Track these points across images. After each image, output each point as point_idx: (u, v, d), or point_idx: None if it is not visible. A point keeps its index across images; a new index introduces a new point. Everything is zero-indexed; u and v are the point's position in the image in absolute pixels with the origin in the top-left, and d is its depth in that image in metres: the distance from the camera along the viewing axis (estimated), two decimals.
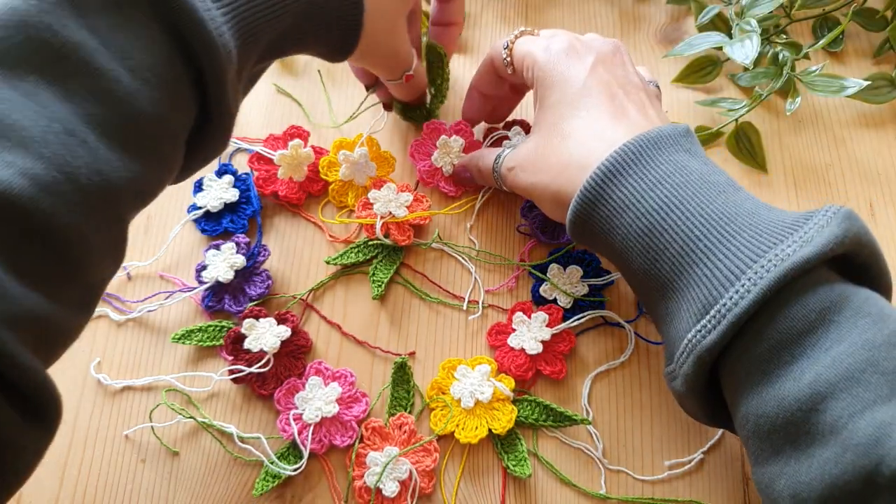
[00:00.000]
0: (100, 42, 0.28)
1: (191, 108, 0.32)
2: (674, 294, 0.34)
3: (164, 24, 0.29)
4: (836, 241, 0.31)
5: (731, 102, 0.52)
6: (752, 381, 0.31)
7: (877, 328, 0.30)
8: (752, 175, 0.51)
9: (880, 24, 0.55)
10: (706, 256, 0.33)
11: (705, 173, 0.36)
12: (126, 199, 0.29)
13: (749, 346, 0.31)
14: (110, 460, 0.42)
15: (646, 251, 0.35)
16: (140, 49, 0.29)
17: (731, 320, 0.31)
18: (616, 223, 0.36)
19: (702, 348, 0.32)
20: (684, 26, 0.57)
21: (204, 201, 0.48)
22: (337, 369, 0.44)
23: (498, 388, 0.42)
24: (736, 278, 0.31)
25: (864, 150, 0.52)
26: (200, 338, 0.44)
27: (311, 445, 0.41)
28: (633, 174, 0.36)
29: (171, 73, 0.30)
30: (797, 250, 0.31)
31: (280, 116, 0.53)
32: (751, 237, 0.32)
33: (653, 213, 0.35)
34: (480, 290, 0.47)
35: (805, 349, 0.30)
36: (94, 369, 0.44)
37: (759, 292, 0.30)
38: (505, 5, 0.58)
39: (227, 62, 0.31)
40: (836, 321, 0.30)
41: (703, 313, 0.32)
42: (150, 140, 0.30)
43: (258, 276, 0.46)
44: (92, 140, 0.27)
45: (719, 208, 0.34)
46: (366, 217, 0.47)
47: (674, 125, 0.37)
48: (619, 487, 0.41)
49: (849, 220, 0.32)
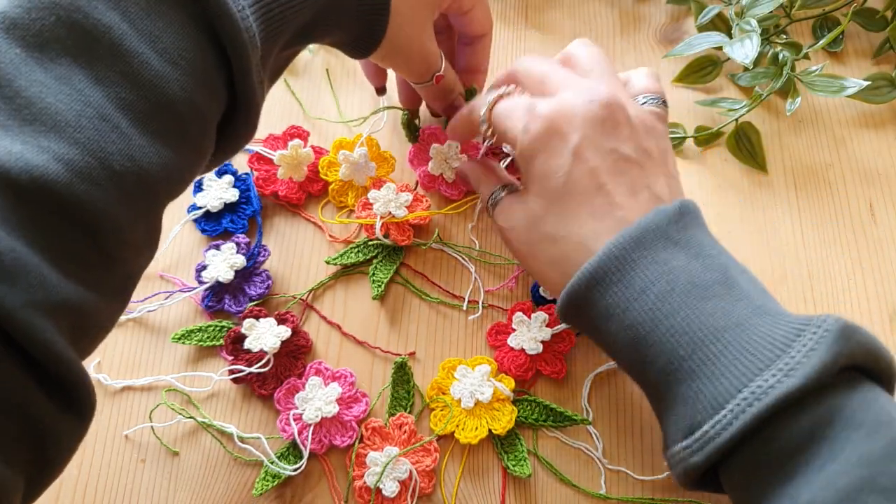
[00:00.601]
0: (130, 25, 0.28)
1: (220, 94, 0.31)
2: (661, 402, 0.34)
3: (193, 10, 0.29)
4: (823, 368, 0.29)
5: (731, 102, 0.52)
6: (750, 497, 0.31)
7: (871, 441, 0.28)
8: (752, 175, 0.51)
9: (880, 24, 0.55)
10: (690, 378, 0.32)
11: (694, 273, 0.33)
12: (159, 185, 0.29)
13: (744, 463, 0.31)
14: (110, 460, 0.42)
15: (632, 362, 0.35)
16: (170, 33, 0.29)
17: (714, 448, 0.30)
18: (602, 328, 0.35)
19: (688, 465, 0.32)
20: (684, 26, 0.57)
21: (204, 201, 0.48)
22: (337, 369, 0.44)
23: (498, 389, 0.42)
24: (720, 406, 0.31)
25: (864, 150, 0.52)
26: (200, 338, 0.44)
27: (311, 445, 0.41)
28: (615, 283, 0.34)
29: (201, 58, 0.30)
30: (781, 380, 0.29)
31: (280, 116, 0.53)
32: (736, 359, 0.31)
33: (637, 326, 0.33)
34: (480, 290, 0.47)
35: (799, 467, 0.29)
36: (94, 369, 0.44)
37: (741, 425, 0.30)
38: (505, 6, 0.58)
39: (251, 48, 0.30)
40: (828, 436, 0.29)
41: (688, 433, 0.32)
42: (181, 126, 0.29)
43: (258, 276, 0.46)
44: (125, 125, 0.27)
45: (705, 322, 0.32)
46: (366, 217, 0.47)
47: (661, 211, 0.35)
48: (619, 487, 0.41)
49: (841, 341, 0.30)
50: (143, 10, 0.28)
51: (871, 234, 0.49)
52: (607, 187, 0.36)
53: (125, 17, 0.28)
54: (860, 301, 0.47)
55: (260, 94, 0.33)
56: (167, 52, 0.28)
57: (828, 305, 0.46)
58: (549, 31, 0.57)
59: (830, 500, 0.28)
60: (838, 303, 0.46)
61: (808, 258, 0.48)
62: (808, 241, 0.49)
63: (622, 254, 0.34)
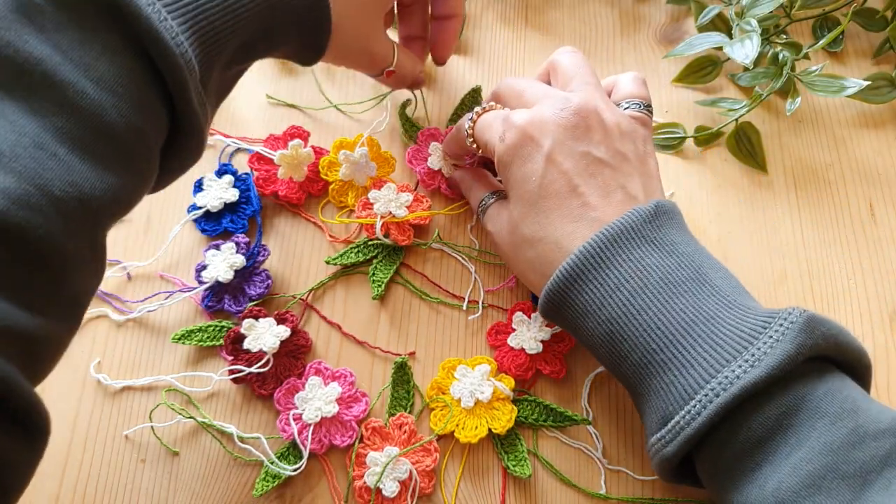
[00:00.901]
0: (62, 56, 0.28)
1: (161, 117, 0.32)
2: (639, 395, 0.36)
3: (126, 37, 0.30)
4: (787, 359, 0.31)
5: (731, 102, 0.52)
6: (721, 485, 0.33)
7: (835, 429, 0.30)
8: (752, 175, 0.51)
9: (880, 24, 0.55)
10: (662, 371, 0.34)
11: (667, 270, 0.35)
12: (102, 209, 0.29)
13: (714, 452, 0.32)
14: (110, 460, 0.42)
15: (609, 356, 0.36)
16: (103, 61, 0.29)
17: (685, 437, 0.32)
18: (581, 326, 0.37)
19: (662, 455, 0.33)
20: (684, 26, 0.57)
21: (204, 201, 0.48)
22: (337, 369, 0.44)
23: (498, 388, 0.42)
24: (689, 397, 0.32)
25: (864, 150, 0.52)
26: (200, 338, 0.44)
27: (311, 445, 0.41)
28: (590, 280, 0.36)
29: (136, 83, 0.30)
30: (747, 370, 0.31)
31: (280, 116, 0.53)
32: (705, 351, 0.33)
33: (612, 321, 0.35)
34: (480, 290, 0.47)
35: (766, 455, 0.31)
36: (94, 369, 0.44)
37: (709, 415, 0.31)
38: (505, 6, 0.58)
39: (188, 71, 0.31)
40: (794, 425, 0.31)
41: (662, 424, 0.33)
42: (121, 150, 0.30)
43: (258, 276, 0.46)
44: (63, 153, 0.27)
45: (676, 317, 0.34)
46: (366, 217, 0.47)
47: (636, 211, 0.36)
48: (619, 487, 0.41)
49: (805, 333, 0.32)
50: (74, 41, 0.28)
51: (871, 234, 0.49)
52: (580, 189, 0.38)
53: (56, 49, 0.28)
54: (860, 301, 0.47)
55: (202, 115, 0.33)
56: (102, 80, 0.29)
57: (828, 305, 0.46)
58: (550, 31, 0.57)
59: (795, 486, 0.29)
60: (838, 303, 0.46)
61: (808, 258, 0.48)
62: (808, 241, 0.49)
63: (597, 252, 0.36)
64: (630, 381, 0.36)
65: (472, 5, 0.58)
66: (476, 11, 0.58)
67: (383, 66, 0.45)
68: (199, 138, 0.34)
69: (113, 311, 0.46)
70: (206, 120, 0.34)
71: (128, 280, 0.47)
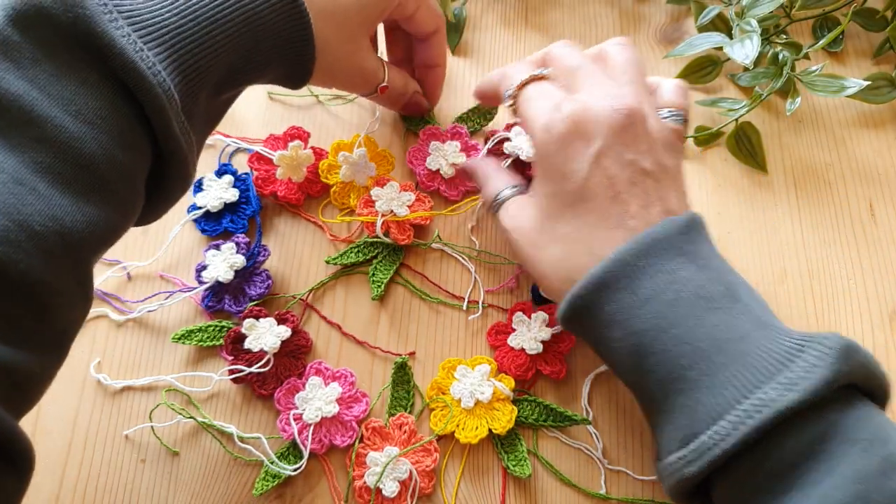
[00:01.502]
0: (40, 91, 0.28)
1: (144, 149, 0.32)
2: (659, 411, 0.34)
3: (103, 71, 0.29)
4: (825, 385, 0.30)
5: (731, 102, 0.52)
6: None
7: (867, 457, 0.29)
8: (752, 175, 0.51)
9: (880, 24, 0.55)
10: (690, 389, 0.32)
11: (700, 284, 0.34)
12: (84, 242, 0.29)
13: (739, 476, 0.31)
14: (110, 460, 0.42)
15: (633, 369, 0.35)
16: (83, 95, 0.29)
17: (709, 459, 0.31)
18: (604, 335, 0.35)
19: (681, 476, 0.32)
20: (684, 26, 0.57)
21: (204, 201, 0.48)
22: (337, 369, 0.44)
23: (498, 388, 0.42)
24: (719, 416, 0.31)
25: (864, 150, 0.52)
26: (200, 338, 0.44)
27: (311, 445, 0.41)
28: (622, 289, 0.34)
29: (116, 115, 0.30)
30: (783, 394, 0.30)
31: (280, 116, 0.53)
32: (737, 370, 0.31)
33: (641, 333, 0.33)
34: (480, 290, 0.47)
35: (795, 481, 0.30)
36: (94, 369, 0.44)
37: (740, 436, 0.30)
38: (506, 7, 0.58)
39: (167, 101, 0.31)
40: (826, 451, 0.29)
41: (685, 443, 0.32)
42: (102, 182, 0.30)
43: (258, 276, 0.46)
44: (43, 188, 0.27)
45: (709, 333, 0.32)
46: (367, 214, 0.47)
47: (671, 221, 0.35)
48: (619, 487, 0.41)
49: (842, 360, 0.30)
50: (52, 76, 0.28)
51: (871, 234, 0.49)
52: (622, 196, 0.36)
53: (34, 85, 0.28)
54: (860, 301, 0.47)
55: (185, 145, 0.33)
56: (81, 114, 0.29)
57: (828, 305, 0.46)
58: (550, 31, 0.57)
59: None
60: (838, 303, 0.46)
61: (808, 258, 0.48)
62: (808, 241, 0.49)
63: (631, 260, 0.34)
64: (653, 396, 0.34)
65: (472, 6, 0.58)
66: (476, 13, 0.58)
67: (375, 82, 0.45)
68: (184, 169, 0.34)
69: (113, 311, 0.46)
70: (192, 149, 0.34)
71: (128, 280, 0.47)
